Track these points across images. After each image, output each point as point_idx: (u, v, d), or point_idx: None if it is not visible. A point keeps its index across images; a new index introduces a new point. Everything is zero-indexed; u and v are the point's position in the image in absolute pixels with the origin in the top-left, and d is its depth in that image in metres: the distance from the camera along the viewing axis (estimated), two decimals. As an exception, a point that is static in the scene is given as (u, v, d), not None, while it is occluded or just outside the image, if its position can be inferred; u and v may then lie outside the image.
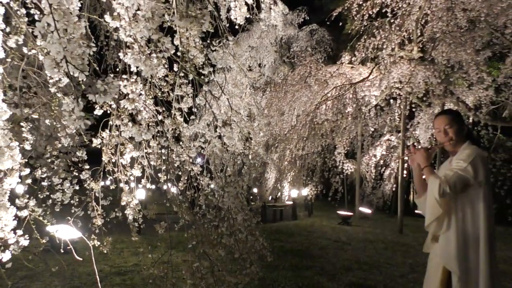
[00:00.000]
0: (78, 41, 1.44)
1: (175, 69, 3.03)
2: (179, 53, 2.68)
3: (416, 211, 15.64)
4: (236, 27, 4.42)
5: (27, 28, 2.52)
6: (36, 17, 2.46)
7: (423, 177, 2.79)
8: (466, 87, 9.37)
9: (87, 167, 3.24)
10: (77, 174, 3.34)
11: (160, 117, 3.09)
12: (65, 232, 3.38)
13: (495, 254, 2.54)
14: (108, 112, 2.60)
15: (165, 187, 3.20)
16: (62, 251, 3.00)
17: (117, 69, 2.95)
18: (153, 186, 3.24)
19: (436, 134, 2.89)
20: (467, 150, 2.63)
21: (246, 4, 4.16)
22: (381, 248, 9.09)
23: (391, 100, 9.90)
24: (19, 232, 1.86)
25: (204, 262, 3.42)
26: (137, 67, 2.14)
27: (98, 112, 2.52)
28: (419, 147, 2.85)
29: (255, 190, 16.70)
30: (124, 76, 2.34)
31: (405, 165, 12.55)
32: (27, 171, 1.88)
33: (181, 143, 3.65)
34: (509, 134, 10.62)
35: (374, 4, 8.78)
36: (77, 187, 3.48)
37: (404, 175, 13.47)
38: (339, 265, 6.98)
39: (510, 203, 8.95)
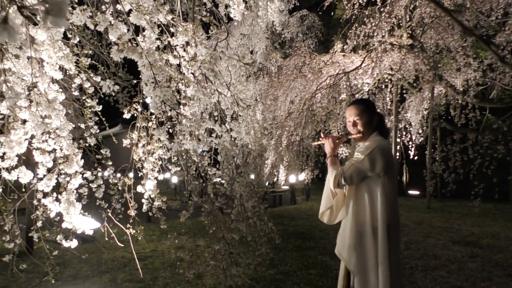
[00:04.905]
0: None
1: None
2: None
3: (409, 192, 16.05)
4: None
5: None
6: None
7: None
8: (455, 70, 9.60)
9: (110, 163, 3.57)
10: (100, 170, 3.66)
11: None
12: (88, 223, 3.68)
13: (396, 244, 2.56)
14: (135, 115, 2.90)
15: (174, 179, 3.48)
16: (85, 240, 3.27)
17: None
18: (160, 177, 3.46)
19: (347, 124, 2.87)
20: (368, 142, 2.67)
21: (244, 1, 4.44)
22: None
23: (383, 86, 10.17)
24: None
25: (217, 245, 3.75)
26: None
27: (126, 116, 2.83)
28: (329, 136, 2.85)
29: (252, 176, 16.87)
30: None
31: (397, 147, 12.87)
32: (89, 173, 2.18)
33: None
34: (498, 115, 10.89)
35: (364, -8, 8.98)
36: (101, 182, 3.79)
37: (397, 157, 13.79)
38: (340, 245, 7.33)
39: (496, 182, 9.30)
